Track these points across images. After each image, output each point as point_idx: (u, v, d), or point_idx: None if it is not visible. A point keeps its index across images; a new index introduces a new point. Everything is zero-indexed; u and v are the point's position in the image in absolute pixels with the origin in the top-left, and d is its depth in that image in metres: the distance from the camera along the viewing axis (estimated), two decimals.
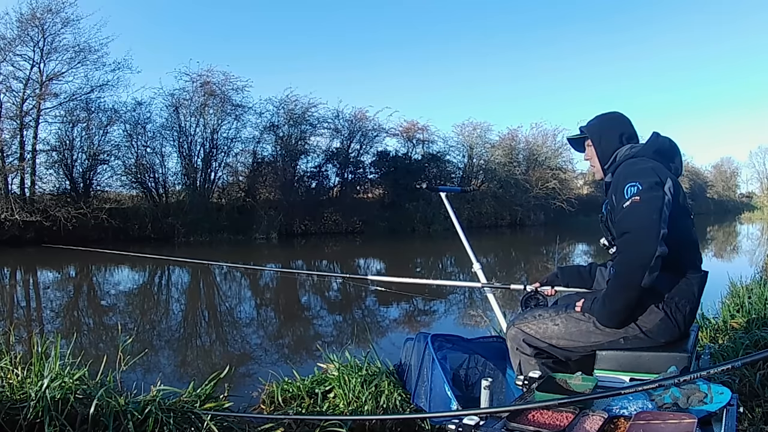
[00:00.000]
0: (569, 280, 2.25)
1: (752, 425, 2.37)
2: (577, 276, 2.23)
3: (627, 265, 1.65)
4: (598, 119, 2.04)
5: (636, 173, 1.73)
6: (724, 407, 1.36)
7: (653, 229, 1.60)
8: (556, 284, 2.26)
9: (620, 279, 1.69)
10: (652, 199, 1.64)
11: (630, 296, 1.67)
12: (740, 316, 3.77)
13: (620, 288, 1.69)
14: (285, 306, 7.79)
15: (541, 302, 2.28)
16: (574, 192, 28.62)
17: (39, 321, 6.50)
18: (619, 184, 1.75)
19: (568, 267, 2.29)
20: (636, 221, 1.63)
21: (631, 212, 1.65)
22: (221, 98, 18.99)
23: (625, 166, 1.83)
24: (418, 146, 23.93)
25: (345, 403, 2.57)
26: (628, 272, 1.65)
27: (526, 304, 2.28)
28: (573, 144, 2.15)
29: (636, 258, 1.62)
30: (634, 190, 1.67)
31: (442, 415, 2.05)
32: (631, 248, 1.64)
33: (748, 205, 46.98)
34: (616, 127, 1.98)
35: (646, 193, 1.65)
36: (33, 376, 2.25)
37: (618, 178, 1.80)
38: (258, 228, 18.25)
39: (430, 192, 3.03)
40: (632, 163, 1.82)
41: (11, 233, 14.35)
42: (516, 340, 1.93)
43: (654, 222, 1.61)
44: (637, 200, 1.65)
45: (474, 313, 6.32)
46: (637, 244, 1.62)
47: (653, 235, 1.59)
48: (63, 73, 16.57)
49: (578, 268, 2.26)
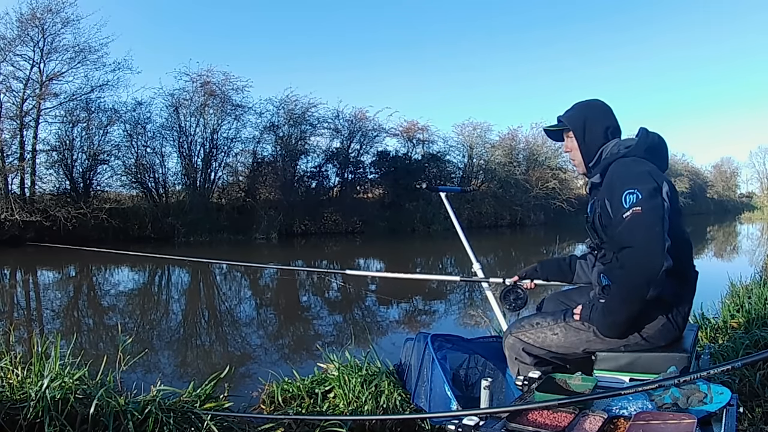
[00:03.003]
0: (549, 273, 2.21)
1: (752, 425, 2.37)
2: (558, 269, 2.19)
3: (631, 281, 1.59)
4: (579, 109, 1.91)
5: (633, 178, 1.64)
6: (724, 407, 1.36)
7: (658, 243, 1.53)
8: (536, 278, 2.23)
9: (623, 293, 1.63)
10: (654, 209, 1.57)
11: (634, 308, 1.63)
12: (740, 316, 3.76)
13: (623, 301, 1.64)
14: (285, 306, 7.79)
15: (521, 296, 2.27)
16: (574, 192, 28.57)
17: (39, 321, 6.49)
18: (615, 189, 1.67)
19: (548, 260, 2.26)
20: (639, 235, 1.55)
21: (633, 225, 1.57)
22: (221, 98, 18.98)
23: (618, 168, 1.73)
24: (418, 146, 23.93)
25: (345, 403, 2.57)
26: (633, 287, 1.59)
27: (505, 298, 2.28)
28: (550, 135, 2.03)
29: (641, 274, 1.56)
30: (633, 198, 1.59)
31: (442, 415, 2.05)
32: (636, 264, 1.57)
33: (748, 205, 46.95)
34: (600, 120, 1.87)
35: (647, 203, 1.57)
36: (33, 376, 2.24)
37: (612, 182, 1.71)
38: (258, 228, 18.24)
39: (430, 192, 3.03)
40: (625, 164, 1.73)
41: (11, 233, 14.34)
42: (514, 349, 1.89)
43: (658, 235, 1.54)
44: (638, 211, 1.57)
45: (474, 313, 6.31)
46: (642, 260, 1.55)
47: (659, 249, 1.53)
48: (63, 73, 16.56)
49: (558, 261, 2.21)
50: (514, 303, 2.30)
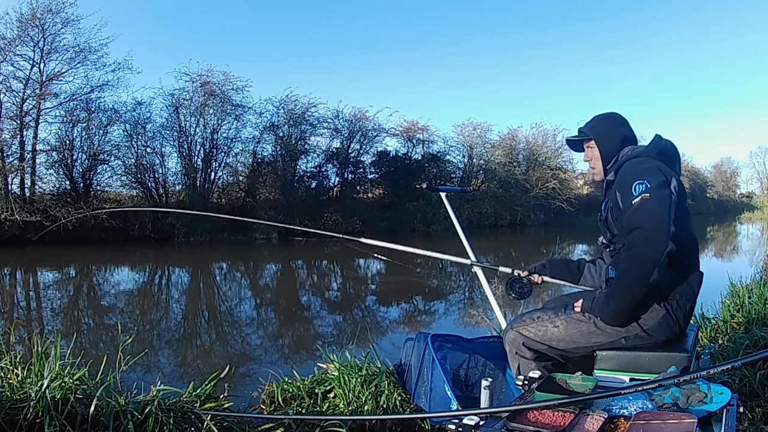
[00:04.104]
0: (557, 272, 2.27)
1: (752, 425, 2.37)
2: (566, 269, 2.25)
3: (637, 260, 1.65)
4: (600, 120, 2.03)
5: (643, 171, 1.73)
6: (724, 407, 1.36)
7: (664, 225, 1.61)
8: (544, 274, 2.29)
9: (629, 275, 1.68)
10: (662, 197, 1.66)
11: (637, 293, 1.68)
12: (740, 315, 3.76)
13: (628, 284, 1.69)
14: (285, 306, 7.80)
15: (526, 286, 2.32)
16: (574, 192, 28.61)
17: (39, 321, 6.50)
18: (625, 182, 1.75)
19: (557, 259, 2.33)
20: (647, 217, 1.64)
21: (641, 209, 1.65)
22: (221, 98, 18.98)
23: (630, 165, 1.83)
24: (418, 146, 23.93)
25: (345, 403, 2.57)
26: (638, 267, 1.65)
27: (512, 287, 2.34)
28: (571, 145, 2.14)
29: (647, 253, 1.63)
30: (642, 187, 1.68)
31: (442, 415, 2.05)
32: (643, 243, 1.64)
33: (748, 205, 46.95)
34: (619, 130, 1.99)
35: (655, 191, 1.66)
36: (33, 376, 2.24)
37: (623, 176, 1.80)
38: (258, 228, 18.24)
39: (430, 192, 3.04)
40: (637, 162, 1.83)
41: (11, 233, 14.35)
42: (515, 344, 1.92)
43: (665, 219, 1.62)
44: (647, 197, 1.65)
45: (474, 313, 6.31)
46: (648, 239, 1.63)
47: (664, 230, 1.61)
48: (63, 73, 16.55)
49: (567, 261, 2.28)
50: (519, 291, 2.35)
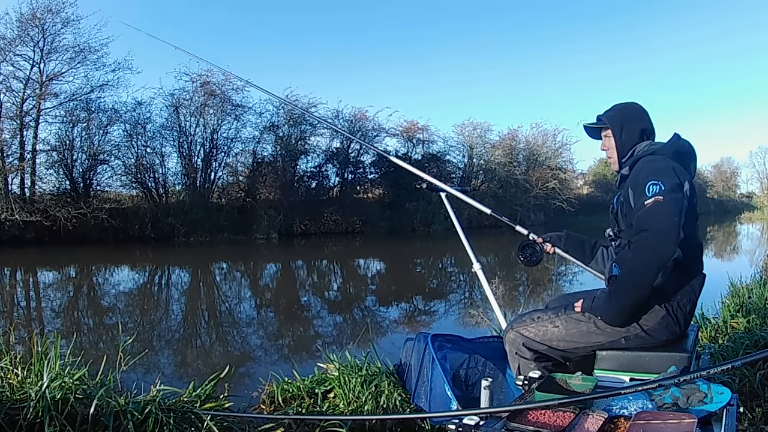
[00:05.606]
0: (571, 247, 2.27)
1: (752, 425, 2.37)
2: (580, 246, 2.25)
3: (643, 263, 1.64)
4: (619, 110, 1.99)
5: (658, 171, 1.72)
6: (724, 407, 1.36)
7: (674, 232, 1.60)
8: (558, 246, 2.30)
9: (633, 277, 1.67)
10: (675, 201, 1.64)
11: (640, 295, 1.67)
12: (740, 316, 3.76)
13: (632, 285, 1.68)
14: (285, 306, 7.79)
15: (537, 252, 2.34)
16: (574, 192, 28.60)
17: (39, 321, 6.49)
18: (639, 179, 1.74)
19: (574, 235, 2.31)
20: (658, 221, 1.62)
21: (653, 211, 1.64)
22: (221, 98, 18.99)
23: (646, 162, 1.81)
24: (418, 146, 23.94)
25: (345, 403, 2.57)
26: (644, 270, 1.64)
27: (523, 250, 2.36)
28: (589, 132, 2.11)
29: (654, 257, 1.62)
30: (656, 189, 1.66)
31: (442, 415, 2.05)
32: (651, 247, 1.62)
33: (748, 205, 46.91)
34: (638, 121, 1.95)
35: (668, 194, 1.64)
36: (33, 376, 2.24)
37: (638, 174, 1.78)
38: (258, 228, 18.25)
39: (430, 192, 3.04)
40: (653, 160, 1.81)
41: (11, 233, 14.35)
42: (515, 344, 1.91)
43: (675, 224, 1.61)
44: (660, 200, 1.63)
45: (474, 313, 6.31)
46: (657, 244, 1.61)
47: (673, 237, 1.60)
48: (63, 73, 16.58)
49: (583, 239, 2.27)
50: (530, 257, 2.36)
